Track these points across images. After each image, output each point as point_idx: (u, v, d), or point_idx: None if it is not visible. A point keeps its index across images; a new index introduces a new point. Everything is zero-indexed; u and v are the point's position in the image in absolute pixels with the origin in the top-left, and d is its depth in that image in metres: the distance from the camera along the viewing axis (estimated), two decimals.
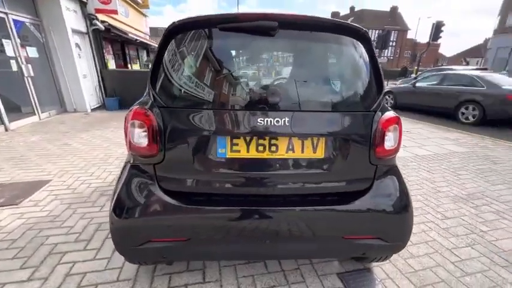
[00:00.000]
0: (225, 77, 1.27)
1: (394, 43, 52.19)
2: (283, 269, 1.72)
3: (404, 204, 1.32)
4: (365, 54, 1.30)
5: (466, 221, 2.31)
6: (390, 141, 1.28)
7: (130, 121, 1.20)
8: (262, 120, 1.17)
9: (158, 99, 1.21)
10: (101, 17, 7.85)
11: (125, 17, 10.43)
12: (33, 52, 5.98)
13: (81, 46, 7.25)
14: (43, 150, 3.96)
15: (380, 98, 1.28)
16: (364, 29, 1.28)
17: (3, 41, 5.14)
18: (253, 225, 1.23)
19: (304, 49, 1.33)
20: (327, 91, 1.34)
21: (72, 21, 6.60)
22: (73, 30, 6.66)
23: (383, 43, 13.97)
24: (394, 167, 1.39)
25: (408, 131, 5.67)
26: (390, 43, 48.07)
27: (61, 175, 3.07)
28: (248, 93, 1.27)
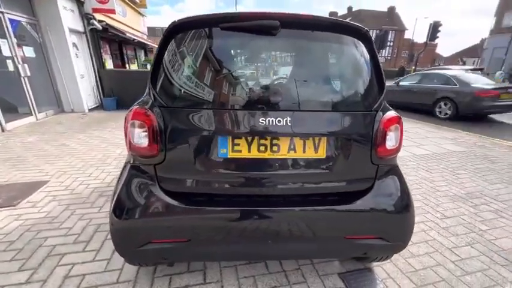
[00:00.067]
0: (227, 76, 1.26)
1: (392, 43, 52.36)
2: (284, 269, 1.71)
3: (406, 204, 1.33)
4: (366, 54, 1.30)
5: (465, 220, 2.33)
6: (392, 141, 1.28)
7: (130, 121, 1.18)
8: (264, 120, 1.16)
9: (159, 99, 1.19)
10: (99, 16, 7.79)
11: (123, 17, 10.39)
12: (29, 52, 5.92)
13: (79, 46, 7.19)
14: (40, 150, 3.92)
15: (381, 97, 1.28)
16: (366, 28, 1.28)
17: None
18: (255, 226, 1.23)
19: (305, 48, 1.32)
20: (329, 91, 1.34)
21: (69, 21, 6.55)
22: (70, 30, 6.61)
23: (381, 43, 14.11)
24: (395, 166, 1.39)
25: (406, 131, 5.69)
26: (388, 43, 48.27)
27: (59, 176, 3.04)
28: (250, 92, 1.26)
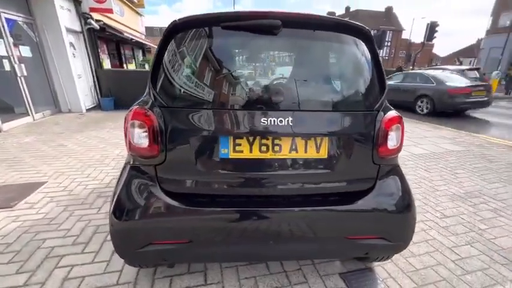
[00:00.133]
0: (227, 76, 1.25)
1: (389, 43, 52.59)
2: (285, 269, 1.70)
3: (407, 203, 1.32)
4: (368, 54, 1.29)
5: (464, 220, 2.34)
6: (393, 141, 1.28)
7: (130, 121, 1.17)
8: (266, 120, 1.15)
9: (159, 99, 1.18)
10: (96, 16, 7.74)
11: (120, 16, 10.32)
12: (26, 51, 5.86)
13: (76, 45, 7.13)
14: (37, 151, 3.88)
15: (382, 97, 1.28)
16: (367, 28, 1.28)
17: None
18: (256, 227, 1.22)
19: (307, 48, 1.32)
20: (330, 91, 1.33)
21: (66, 20, 6.49)
22: (67, 29, 6.55)
23: (378, 43, 14.17)
24: (396, 166, 1.39)
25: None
26: (385, 43, 48.45)
27: (57, 177, 3.01)
28: (251, 92, 1.25)
